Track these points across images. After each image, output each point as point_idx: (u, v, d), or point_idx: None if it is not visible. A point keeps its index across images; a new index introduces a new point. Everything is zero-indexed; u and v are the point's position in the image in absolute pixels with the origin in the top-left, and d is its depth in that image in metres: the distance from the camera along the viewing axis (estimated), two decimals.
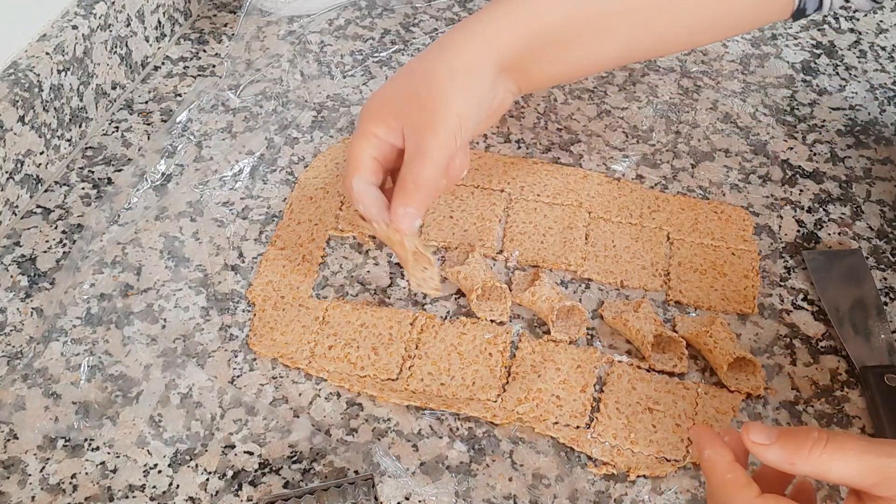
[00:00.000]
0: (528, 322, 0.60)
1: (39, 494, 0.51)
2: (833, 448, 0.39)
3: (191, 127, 0.72)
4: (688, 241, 0.65)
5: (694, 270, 0.63)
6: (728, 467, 0.42)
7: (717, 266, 0.64)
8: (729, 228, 0.66)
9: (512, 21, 0.58)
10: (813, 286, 0.63)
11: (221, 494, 0.51)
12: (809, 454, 0.40)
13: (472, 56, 0.57)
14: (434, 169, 0.55)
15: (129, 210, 0.66)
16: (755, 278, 0.63)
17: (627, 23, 0.61)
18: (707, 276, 0.63)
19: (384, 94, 0.59)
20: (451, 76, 0.56)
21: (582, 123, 0.75)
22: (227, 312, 0.60)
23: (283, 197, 0.68)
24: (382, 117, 0.57)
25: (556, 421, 0.55)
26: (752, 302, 0.62)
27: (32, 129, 0.65)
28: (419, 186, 0.55)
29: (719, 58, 0.82)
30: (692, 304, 0.62)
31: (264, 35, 0.82)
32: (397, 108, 0.56)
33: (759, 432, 0.41)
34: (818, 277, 0.63)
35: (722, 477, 0.42)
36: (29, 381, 0.56)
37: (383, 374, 0.57)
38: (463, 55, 0.57)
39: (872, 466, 0.39)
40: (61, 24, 0.68)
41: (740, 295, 0.62)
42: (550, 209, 0.67)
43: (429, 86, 0.56)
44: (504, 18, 0.58)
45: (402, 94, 0.57)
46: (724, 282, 0.63)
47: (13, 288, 0.61)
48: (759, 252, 0.65)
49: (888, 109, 0.78)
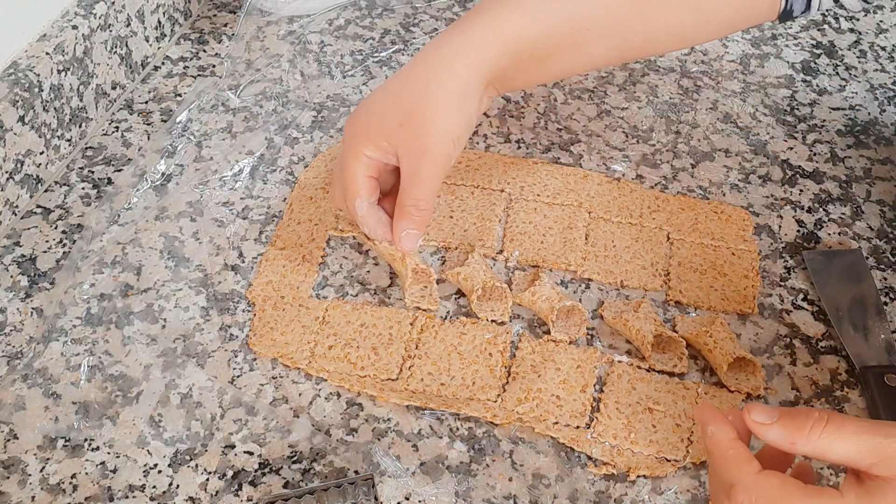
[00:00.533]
0: (528, 322, 0.60)
1: (39, 494, 0.51)
2: (833, 428, 0.40)
3: (191, 127, 0.72)
4: (688, 241, 0.65)
5: (694, 270, 0.63)
6: (730, 444, 0.43)
7: (717, 266, 0.64)
8: (729, 228, 0.66)
9: (496, 35, 0.59)
10: (813, 286, 0.63)
11: (221, 494, 0.51)
12: (810, 434, 0.40)
13: (462, 76, 0.58)
14: (432, 191, 0.58)
15: (129, 210, 0.66)
16: (755, 278, 0.63)
17: (612, 29, 0.61)
18: (707, 276, 0.63)
19: (370, 112, 0.59)
20: (445, 100, 0.57)
21: (582, 123, 0.75)
22: (227, 312, 0.60)
23: (283, 197, 0.68)
24: (374, 139, 0.58)
25: (556, 421, 0.55)
26: (752, 302, 0.62)
27: (32, 129, 0.65)
28: (419, 209, 0.57)
29: (719, 58, 0.82)
30: (692, 304, 0.62)
31: (264, 35, 0.82)
32: (390, 130, 0.57)
33: (761, 412, 0.42)
34: (818, 277, 0.63)
35: (724, 452, 0.43)
36: (29, 381, 0.56)
37: (383, 374, 0.57)
38: (453, 77, 0.58)
39: (871, 446, 0.40)
40: (61, 24, 0.68)
41: (740, 295, 0.62)
42: (550, 209, 0.67)
43: (422, 110, 0.57)
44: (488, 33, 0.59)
45: (394, 116, 0.57)
46: (724, 282, 0.63)
47: (13, 288, 0.61)
48: (759, 252, 0.65)
49: (888, 109, 0.78)
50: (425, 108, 0.57)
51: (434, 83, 0.57)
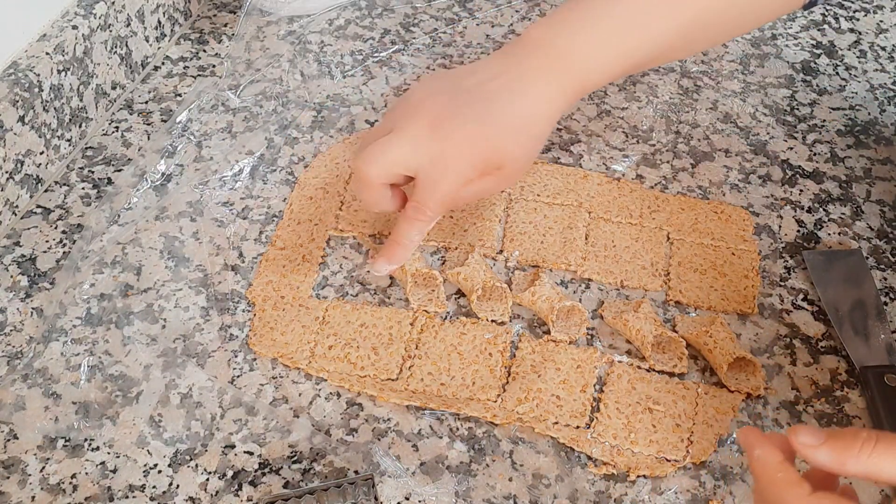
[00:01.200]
0: (528, 322, 0.60)
1: (39, 494, 0.51)
2: (883, 448, 0.40)
3: (191, 127, 0.72)
4: (688, 241, 0.65)
5: (694, 270, 0.63)
6: (779, 466, 0.42)
7: (717, 266, 0.64)
8: (729, 228, 0.66)
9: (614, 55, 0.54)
10: (813, 286, 0.63)
11: (221, 494, 0.51)
12: (860, 454, 0.40)
13: (560, 109, 0.54)
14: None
15: (129, 210, 0.66)
16: (755, 278, 0.63)
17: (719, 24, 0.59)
18: (707, 276, 0.63)
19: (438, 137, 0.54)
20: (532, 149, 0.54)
21: (582, 123, 0.75)
22: (227, 312, 0.60)
23: (283, 197, 0.68)
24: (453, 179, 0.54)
25: (556, 421, 0.55)
26: (752, 302, 0.62)
27: (32, 129, 0.65)
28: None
29: (719, 58, 0.82)
30: (692, 304, 0.62)
31: (264, 35, 0.82)
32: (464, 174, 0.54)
33: (808, 434, 0.41)
34: (818, 277, 0.63)
35: (773, 476, 0.42)
36: (29, 381, 0.56)
37: (383, 374, 0.57)
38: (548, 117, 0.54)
39: None
40: (61, 24, 0.68)
41: (740, 295, 0.62)
42: (550, 209, 0.67)
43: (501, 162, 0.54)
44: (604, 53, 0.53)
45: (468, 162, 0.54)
46: (724, 282, 0.63)
47: (13, 288, 0.61)
48: (759, 252, 0.65)
49: (888, 109, 0.78)
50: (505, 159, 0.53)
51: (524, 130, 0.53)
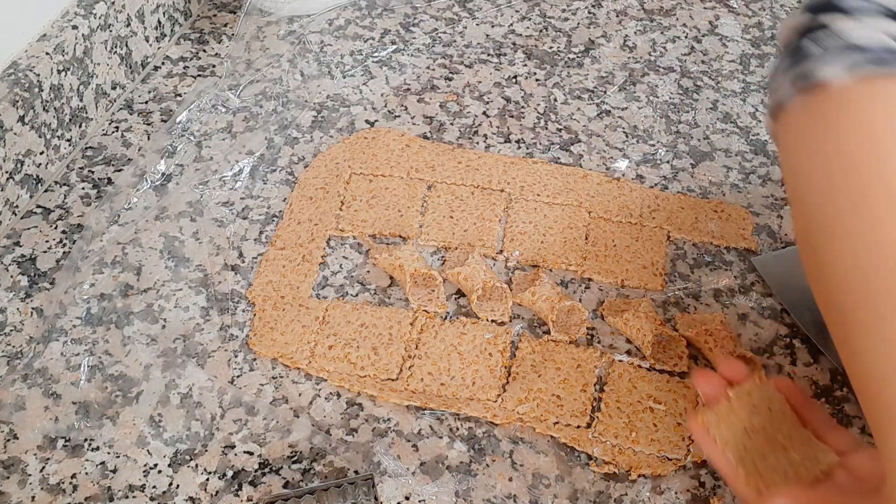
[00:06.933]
0: (528, 322, 0.60)
1: (39, 494, 0.51)
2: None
3: (191, 127, 0.72)
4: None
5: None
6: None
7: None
8: (729, 228, 0.66)
9: None
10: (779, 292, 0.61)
11: (221, 494, 0.51)
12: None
13: None
14: None
15: (129, 210, 0.66)
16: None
17: None
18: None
19: None
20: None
21: (582, 123, 0.75)
22: (227, 312, 0.60)
23: (283, 197, 0.68)
24: None
25: (557, 421, 0.55)
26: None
27: (32, 129, 0.65)
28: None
29: (719, 58, 0.82)
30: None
31: (264, 35, 0.82)
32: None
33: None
34: (775, 283, 0.60)
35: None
36: (29, 381, 0.56)
37: (383, 374, 0.57)
38: None
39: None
40: (61, 24, 0.68)
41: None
42: (550, 209, 0.67)
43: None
44: None
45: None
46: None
47: (13, 288, 0.61)
48: (758, 251, 0.65)
49: None
50: None
51: None
